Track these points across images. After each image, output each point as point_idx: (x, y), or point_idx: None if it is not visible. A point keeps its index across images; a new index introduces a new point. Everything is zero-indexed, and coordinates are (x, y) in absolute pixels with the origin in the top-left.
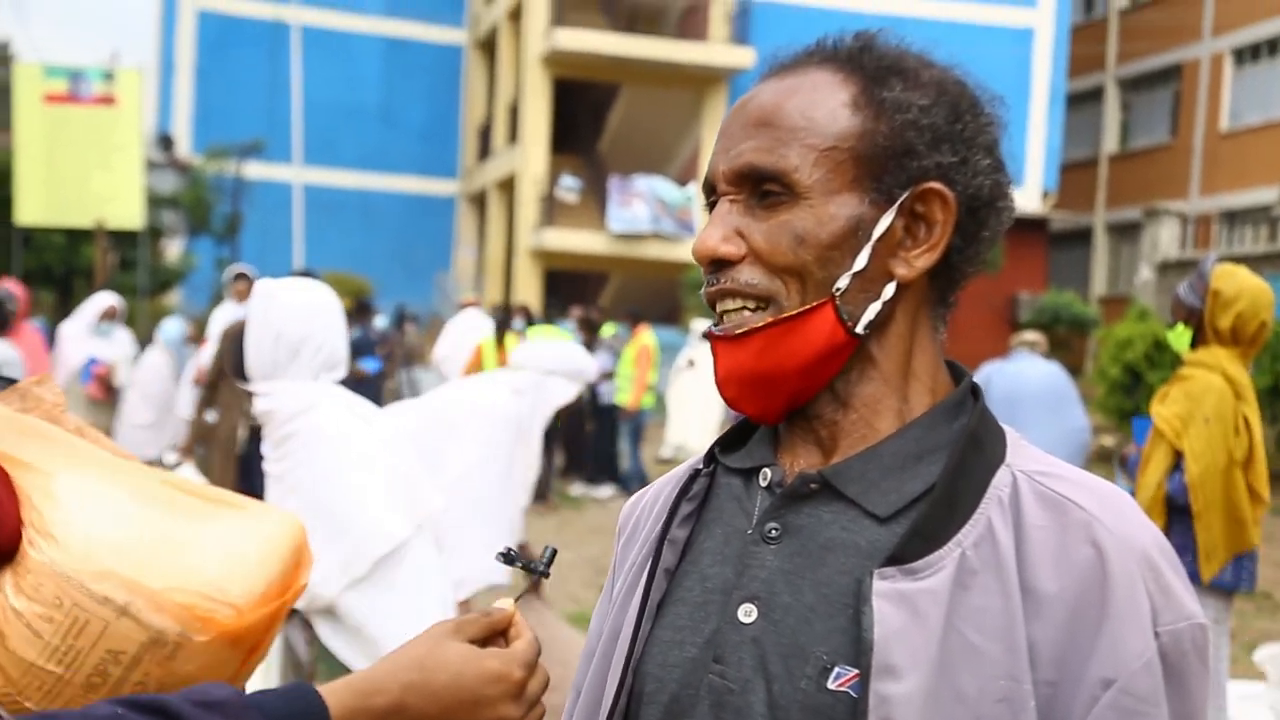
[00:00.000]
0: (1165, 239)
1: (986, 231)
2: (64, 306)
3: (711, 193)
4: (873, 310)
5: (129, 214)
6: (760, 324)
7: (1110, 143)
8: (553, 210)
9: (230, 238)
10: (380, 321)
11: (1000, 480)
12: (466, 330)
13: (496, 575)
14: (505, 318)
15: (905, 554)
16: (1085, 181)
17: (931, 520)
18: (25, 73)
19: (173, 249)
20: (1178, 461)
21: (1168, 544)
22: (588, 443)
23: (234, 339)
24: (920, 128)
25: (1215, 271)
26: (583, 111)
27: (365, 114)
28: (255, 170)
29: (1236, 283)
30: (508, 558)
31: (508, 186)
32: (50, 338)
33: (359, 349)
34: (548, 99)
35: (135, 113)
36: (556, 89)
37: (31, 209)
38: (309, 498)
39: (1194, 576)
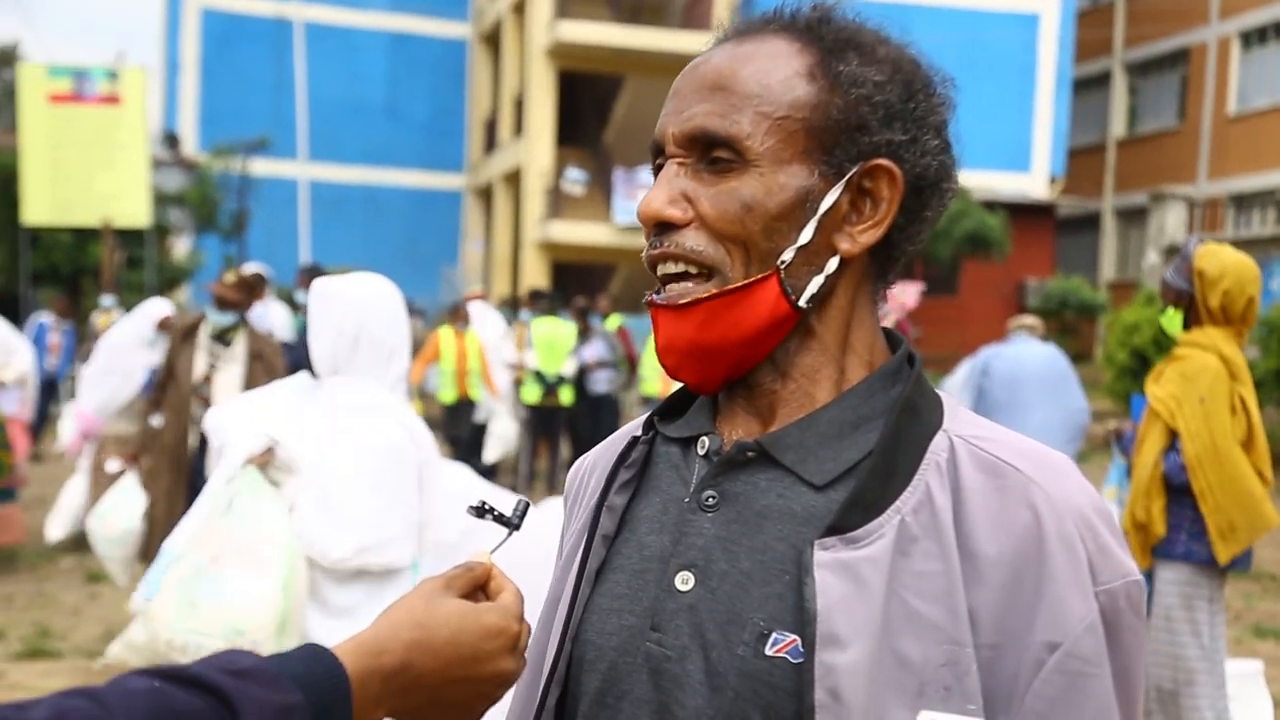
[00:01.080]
0: (1172, 223)
1: (929, 211)
2: (73, 306)
3: (659, 154)
4: (815, 284)
5: (135, 212)
6: (705, 294)
7: (1118, 127)
8: (559, 203)
9: (237, 234)
10: None
11: (938, 445)
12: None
13: None
14: (512, 311)
15: (845, 523)
16: (1093, 166)
17: (870, 488)
18: (30, 73)
19: (180, 246)
20: (1173, 441)
21: (1104, 504)
22: (594, 433)
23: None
24: (874, 104)
25: (1198, 252)
26: (588, 104)
27: (370, 109)
28: (261, 167)
29: (1220, 261)
30: (480, 511)
31: (514, 179)
32: (61, 339)
33: None
34: (552, 91)
35: (140, 111)
36: (561, 81)
37: (38, 209)
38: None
39: (1188, 554)
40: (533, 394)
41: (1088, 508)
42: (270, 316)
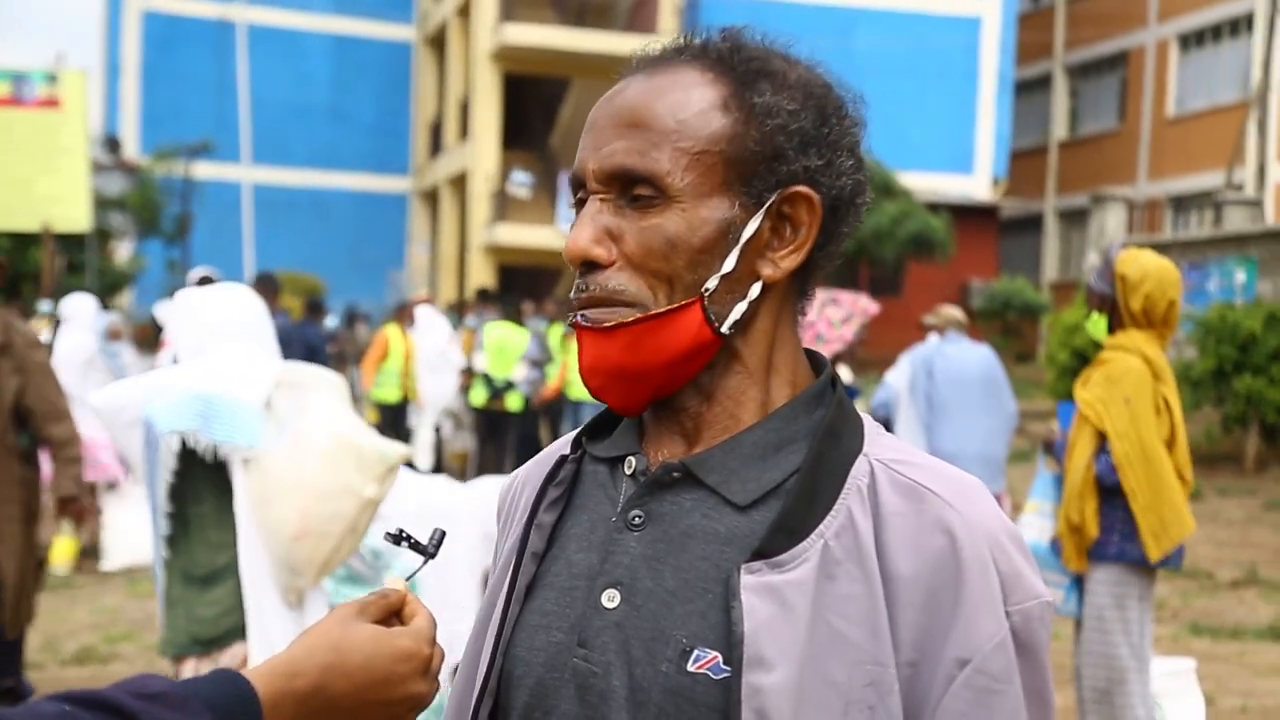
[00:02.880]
0: (1112, 224)
1: (846, 227)
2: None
3: (580, 188)
4: (739, 310)
5: (76, 217)
6: (629, 319)
7: (1059, 129)
8: (505, 206)
9: (180, 239)
10: (331, 321)
11: (859, 470)
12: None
13: None
14: (458, 316)
15: (771, 548)
16: (1035, 168)
17: (794, 514)
18: None
19: (122, 251)
20: (1103, 443)
21: (1016, 529)
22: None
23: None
24: (789, 132)
25: (1120, 257)
26: (533, 106)
27: (315, 112)
28: (204, 170)
29: (1141, 265)
30: (396, 538)
31: (460, 183)
32: None
33: (313, 348)
34: (498, 94)
35: (80, 115)
36: (507, 84)
37: None
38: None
39: (1121, 554)
40: (480, 397)
41: (1000, 532)
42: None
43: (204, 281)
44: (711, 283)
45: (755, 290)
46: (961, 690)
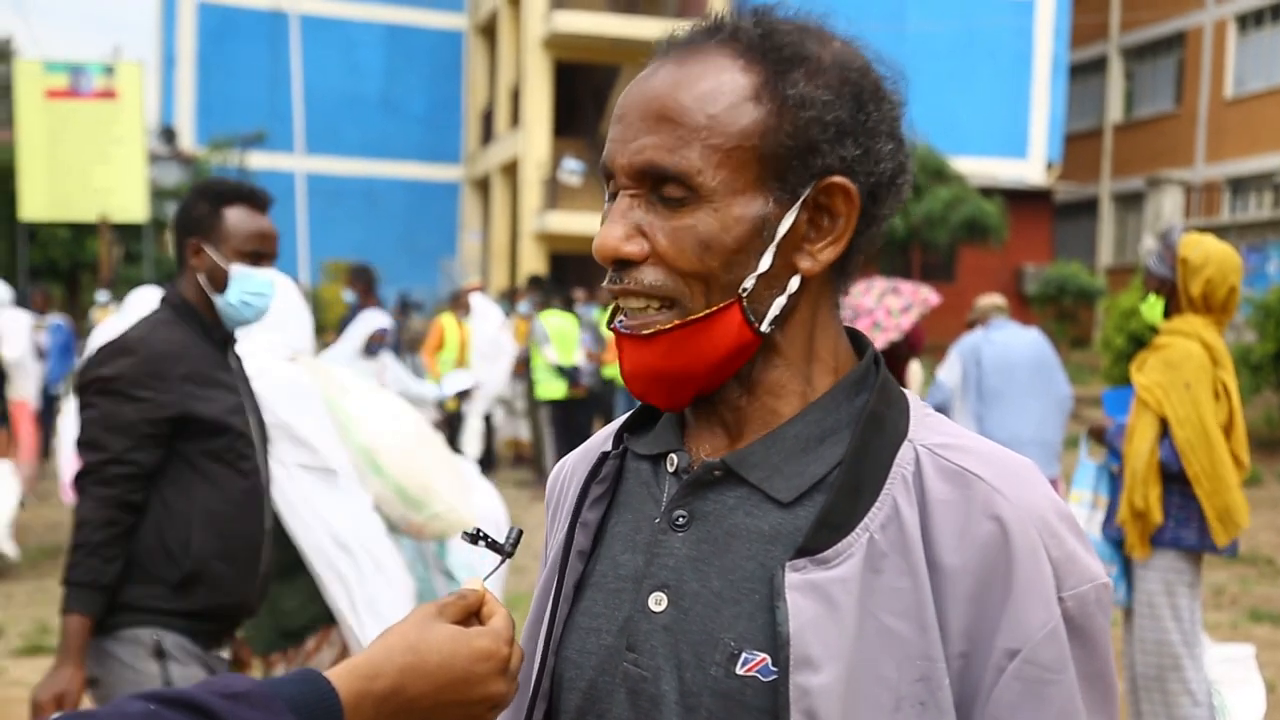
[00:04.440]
0: (1169, 208)
1: (886, 210)
2: (71, 301)
3: (609, 178)
4: (778, 306)
5: (133, 207)
6: (668, 325)
7: (1114, 112)
8: (556, 193)
9: None
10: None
11: (903, 457)
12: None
13: None
14: (510, 304)
15: (815, 544)
16: (1090, 152)
17: (838, 508)
18: (26, 69)
19: None
20: (1165, 429)
21: (1068, 509)
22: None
23: None
24: (824, 124)
25: (1182, 240)
26: (584, 94)
27: (367, 102)
28: (258, 160)
29: (1203, 250)
30: (474, 538)
31: (511, 171)
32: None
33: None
34: (549, 82)
35: (137, 106)
36: (557, 72)
37: (35, 205)
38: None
39: (1176, 540)
40: (558, 390)
41: (1051, 514)
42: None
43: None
44: (749, 282)
45: (794, 284)
46: (1012, 681)
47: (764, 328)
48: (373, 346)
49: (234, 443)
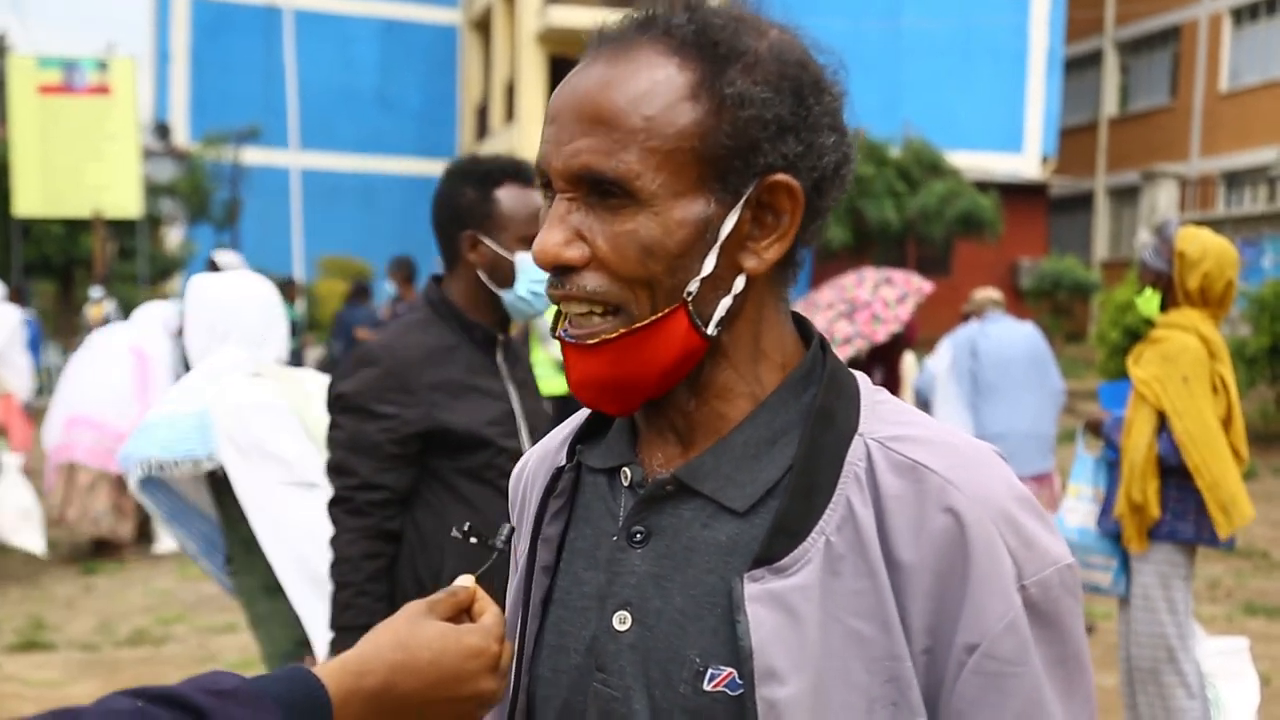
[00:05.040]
0: (1164, 202)
1: (830, 201)
2: (65, 297)
3: (545, 180)
4: (723, 307)
5: (127, 203)
6: (613, 335)
7: (1110, 106)
8: None
9: (230, 224)
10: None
11: (855, 454)
12: None
13: None
14: None
15: (771, 553)
16: (1085, 146)
17: (792, 514)
18: (19, 64)
19: (172, 237)
20: (1163, 423)
21: (1025, 491)
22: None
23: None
24: (765, 122)
25: (1179, 234)
26: None
27: (361, 97)
28: (253, 156)
29: (1201, 243)
30: (465, 534)
31: None
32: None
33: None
34: (544, 77)
35: (130, 102)
36: (552, 67)
37: (29, 201)
38: None
39: (1173, 533)
40: (559, 385)
41: (1008, 500)
42: None
43: (211, 266)
44: (693, 286)
45: (739, 284)
46: (972, 676)
47: (710, 330)
48: None
49: (494, 459)
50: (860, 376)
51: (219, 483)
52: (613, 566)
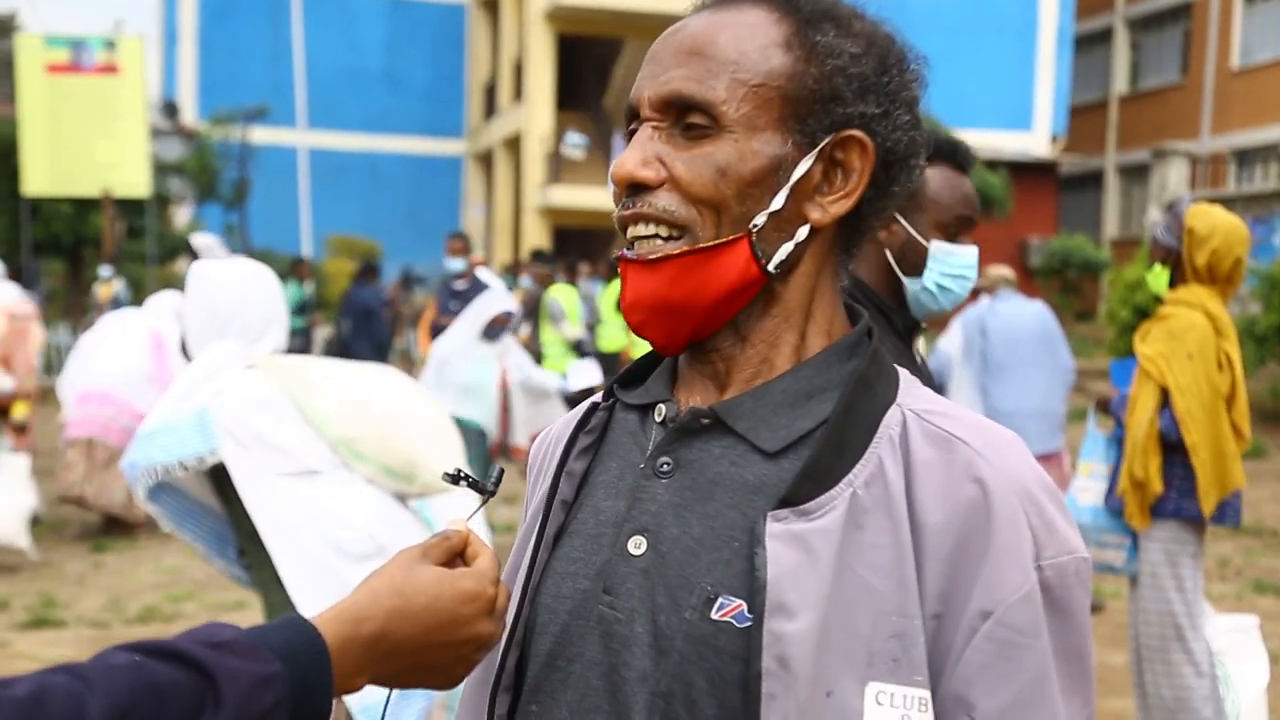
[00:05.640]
0: (1174, 180)
1: (897, 186)
2: (74, 276)
3: (634, 118)
4: (785, 250)
5: (135, 182)
6: (676, 251)
7: (1120, 84)
8: (559, 167)
9: (238, 204)
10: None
11: (891, 419)
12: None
13: None
14: (514, 278)
15: (798, 495)
16: (1095, 124)
17: (822, 461)
18: (27, 43)
19: (181, 216)
20: (1166, 399)
21: (1050, 481)
22: None
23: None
24: (849, 75)
25: (1189, 210)
26: (587, 67)
27: (369, 76)
28: (261, 135)
29: (1210, 220)
30: (454, 478)
31: (514, 145)
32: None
33: (369, 311)
34: (551, 56)
35: (138, 81)
36: (560, 45)
37: (38, 180)
38: None
39: (1178, 511)
40: (564, 365)
41: (1033, 483)
42: None
43: (190, 253)
44: (760, 219)
45: (803, 233)
46: (984, 643)
47: (771, 267)
48: (494, 330)
49: None
50: (899, 368)
51: (223, 478)
52: (635, 494)
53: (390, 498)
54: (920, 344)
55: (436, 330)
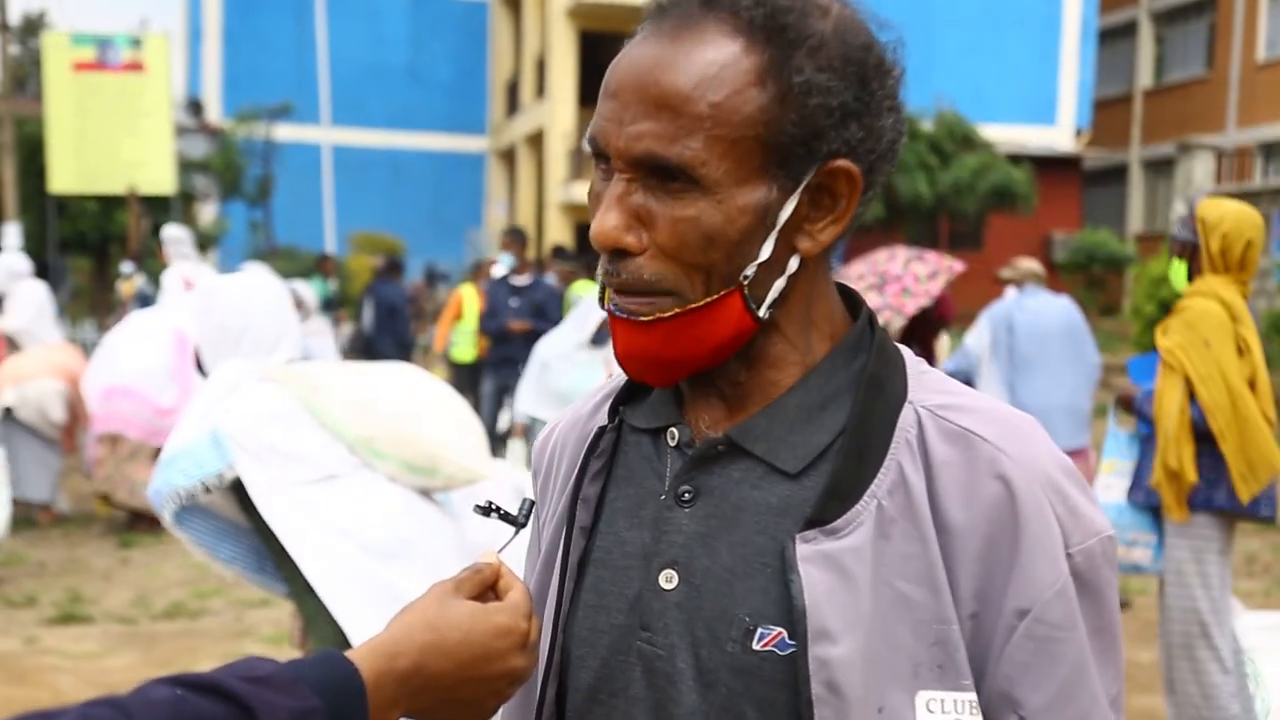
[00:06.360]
0: (1200, 173)
1: (881, 177)
2: (100, 273)
3: (601, 155)
4: (777, 289)
5: (161, 179)
6: (667, 314)
7: (1145, 77)
8: (582, 164)
9: (262, 200)
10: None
11: (905, 420)
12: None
13: None
14: (538, 274)
15: (824, 515)
16: (1119, 118)
17: (844, 476)
18: (54, 42)
19: (206, 213)
20: (1191, 389)
21: (1068, 461)
22: None
23: None
24: (829, 109)
25: (1200, 203)
26: (609, 64)
27: (392, 72)
28: (285, 132)
29: (1220, 208)
30: (485, 510)
31: (536, 141)
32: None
33: (393, 307)
34: (574, 52)
35: (164, 78)
36: (583, 41)
37: (64, 177)
38: None
39: (1209, 502)
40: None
41: (1055, 470)
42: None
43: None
44: (750, 270)
45: (793, 265)
46: (1024, 641)
47: (763, 313)
48: (603, 335)
49: None
50: (904, 349)
51: (244, 494)
52: (659, 525)
53: (415, 494)
54: (945, 344)
55: (492, 329)
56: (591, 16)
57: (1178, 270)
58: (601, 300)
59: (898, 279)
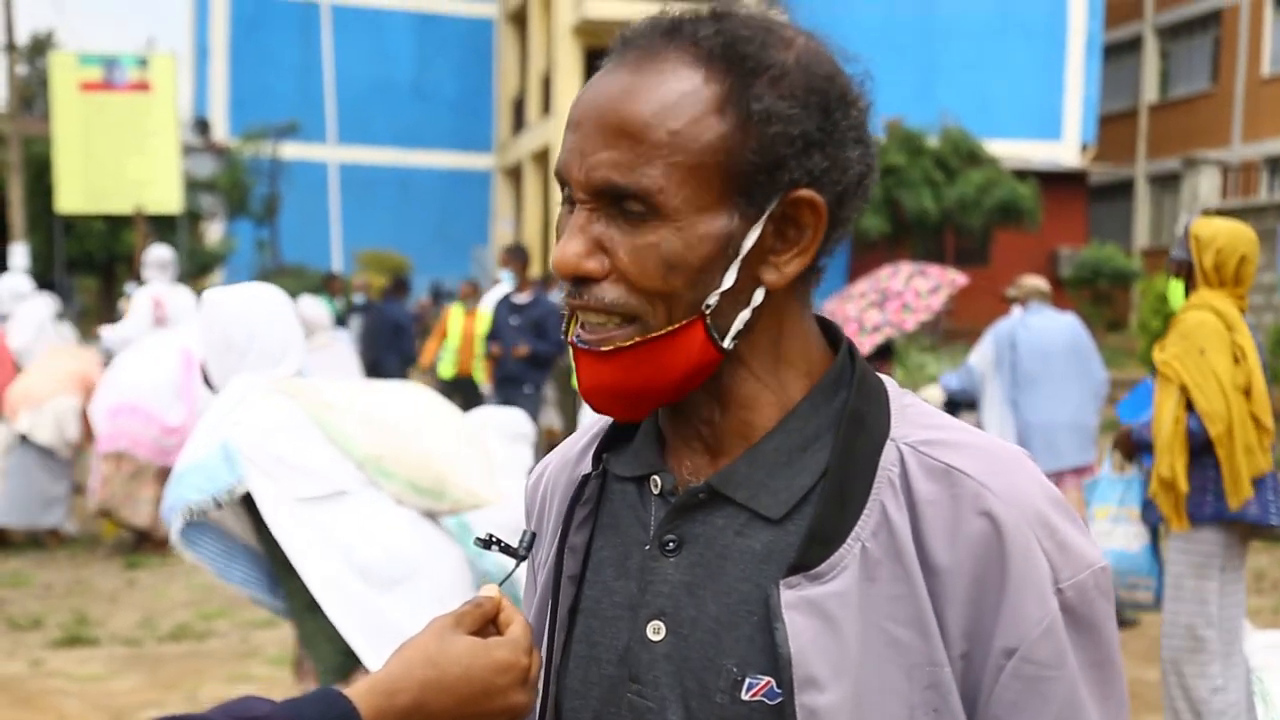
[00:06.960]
0: (1205, 188)
1: (852, 211)
2: (107, 292)
3: (565, 184)
4: (741, 320)
5: (167, 199)
6: (627, 343)
7: (1150, 92)
8: None
9: (269, 219)
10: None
11: (888, 459)
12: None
13: None
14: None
15: (807, 560)
16: (1125, 133)
17: (827, 520)
18: (61, 61)
19: (213, 232)
20: (1189, 401)
21: (1057, 493)
22: None
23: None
24: (790, 138)
25: (1194, 222)
26: None
27: (398, 90)
28: (291, 151)
29: (1212, 226)
30: (486, 543)
31: (543, 159)
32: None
33: (398, 325)
34: (580, 69)
35: (170, 98)
36: (589, 59)
37: (71, 197)
38: None
39: (1218, 514)
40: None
41: (1043, 504)
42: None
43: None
44: (712, 299)
45: (758, 298)
46: (1011, 680)
47: (726, 344)
48: None
49: None
50: (887, 380)
51: (253, 510)
52: (645, 575)
53: (421, 516)
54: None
55: (495, 351)
56: (597, 34)
57: (1175, 289)
58: (566, 331)
59: (899, 295)
